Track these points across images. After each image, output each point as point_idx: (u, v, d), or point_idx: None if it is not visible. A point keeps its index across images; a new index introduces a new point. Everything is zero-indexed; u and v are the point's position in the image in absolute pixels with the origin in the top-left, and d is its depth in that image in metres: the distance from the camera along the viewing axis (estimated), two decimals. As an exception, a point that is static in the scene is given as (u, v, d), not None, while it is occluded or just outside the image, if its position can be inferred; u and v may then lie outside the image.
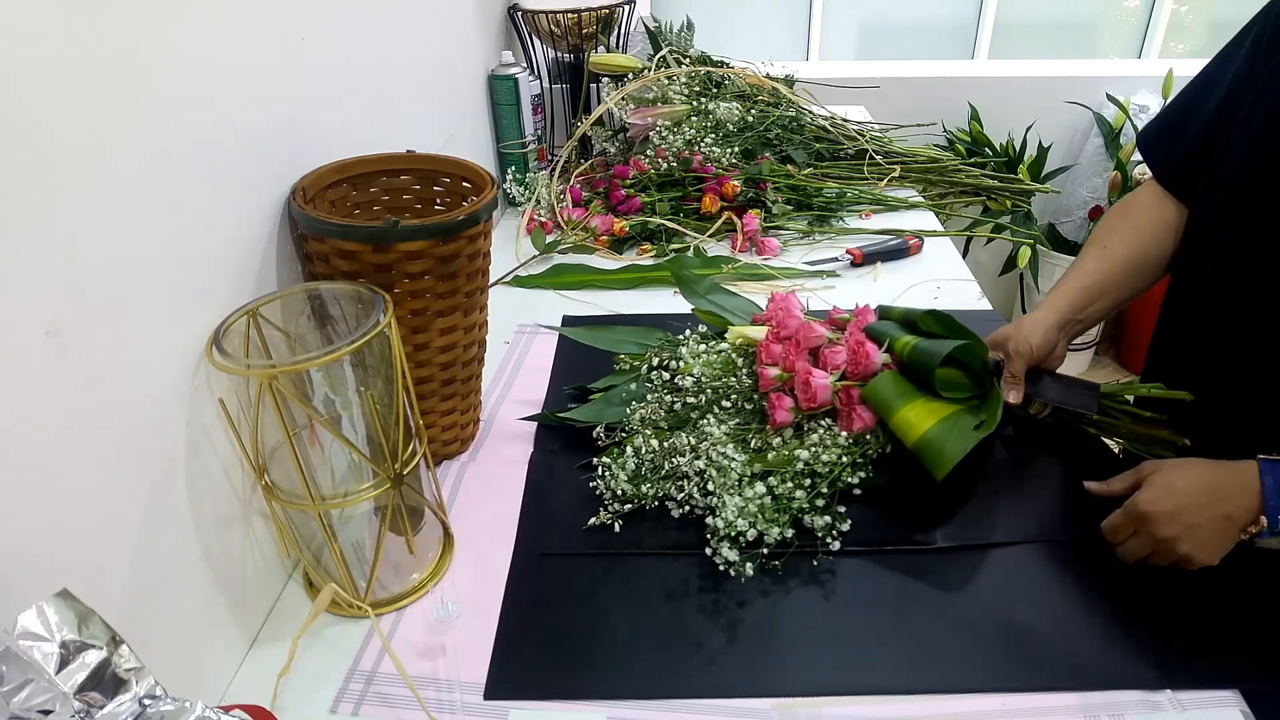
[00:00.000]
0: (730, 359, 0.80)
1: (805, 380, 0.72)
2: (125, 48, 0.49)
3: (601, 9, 1.38)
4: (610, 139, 1.42)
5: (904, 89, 2.17)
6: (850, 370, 0.74)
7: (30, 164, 0.42)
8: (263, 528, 0.66)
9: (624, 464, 0.75)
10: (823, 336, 0.76)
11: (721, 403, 0.77)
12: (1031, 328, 0.77)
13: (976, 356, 0.73)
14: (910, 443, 0.69)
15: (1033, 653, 0.61)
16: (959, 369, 0.73)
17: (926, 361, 0.70)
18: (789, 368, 0.74)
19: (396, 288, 0.68)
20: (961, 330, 0.74)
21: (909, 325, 0.77)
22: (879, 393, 0.71)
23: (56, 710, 0.35)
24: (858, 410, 0.72)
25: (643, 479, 0.74)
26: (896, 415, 0.69)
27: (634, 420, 0.80)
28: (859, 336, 0.74)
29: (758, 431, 0.74)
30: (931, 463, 0.68)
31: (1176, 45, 2.36)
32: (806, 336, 0.75)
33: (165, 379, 0.54)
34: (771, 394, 0.74)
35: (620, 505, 0.74)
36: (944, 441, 0.68)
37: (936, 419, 0.69)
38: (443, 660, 0.63)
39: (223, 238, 0.61)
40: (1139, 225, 0.80)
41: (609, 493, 0.75)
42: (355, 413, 0.62)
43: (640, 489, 0.74)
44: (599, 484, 0.76)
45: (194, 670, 0.58)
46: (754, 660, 0.62)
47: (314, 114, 0.74)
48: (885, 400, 0.70)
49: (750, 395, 0.78)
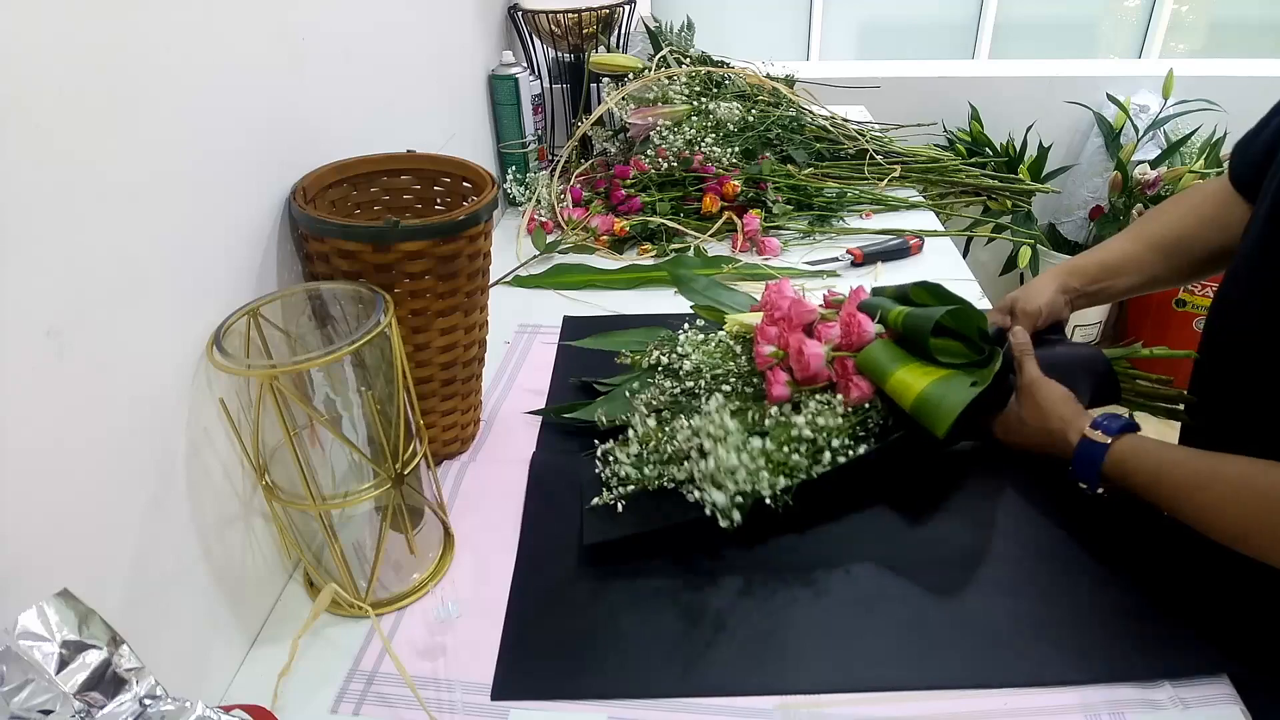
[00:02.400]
0: (729, 346, 0.80)
1: (799, 350, 0.71)
2: (125, 47, 0.49)
3: (602, 9, 1.38)
4: (610, 139, 1.42)
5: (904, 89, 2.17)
6: (844, 342, 0.73)
7: (30, 164, 0.42)
8: (263, 528, 0.66)
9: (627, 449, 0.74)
10: (815, 312, 0.75)
11: (721, 388, 0.77)
12: (1039, 290, 0.79)
13: (971, 323, 0.72)
14: (908, 404, 0.68)
15: (1031, 647, 0.62)
16: (953, 339, 0.72)
17: (920, 326, 0.70)
18: (783, 345, 0.74)
19: (397, 288, 0.68)
20: (953, 298, 0.73)
21: (902, 299, 0.76)
22: (873, 359, 0.70)
23: (57, 710, 0.35)
24: (854, 380, 0.71)
25: (645, 462, 0.74)
26: (892, 379, 0.69)
27: (637, 407, 0.79)
28: (851, 309, 0.74)
29: (757, 410, 0.74)
30: (930, 420, 0.67)
31: (1177, 45, 2.36)
32: (799, 312, 0.75)
33: (165, 379, 0.54)
34: (768, 371, 0.74)
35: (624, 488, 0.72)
36: (941, 397, 0.66)
37: (932, 378, 0.68)
38: (443, 660, 0.63)
39: (223, 238, 0.61)
40: (1187, 211, 0.80)
41: (613, 477, 0.74)
42: (356, 413, 0.62)
43: (643, 471, 0.73)
44: (602, 470, 0.75)
45: (194, 670, 0.58)
46: (757, 658, 0.62)
47: (314, 114, 0.74)
48: (880, 365, 0.70)
49: (750, 379, 0.77)
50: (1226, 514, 0.60)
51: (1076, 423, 0.70)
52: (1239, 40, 2.36)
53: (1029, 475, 0.77)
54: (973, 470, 0.79)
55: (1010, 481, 0.77)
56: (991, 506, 0.75)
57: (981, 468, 0.79)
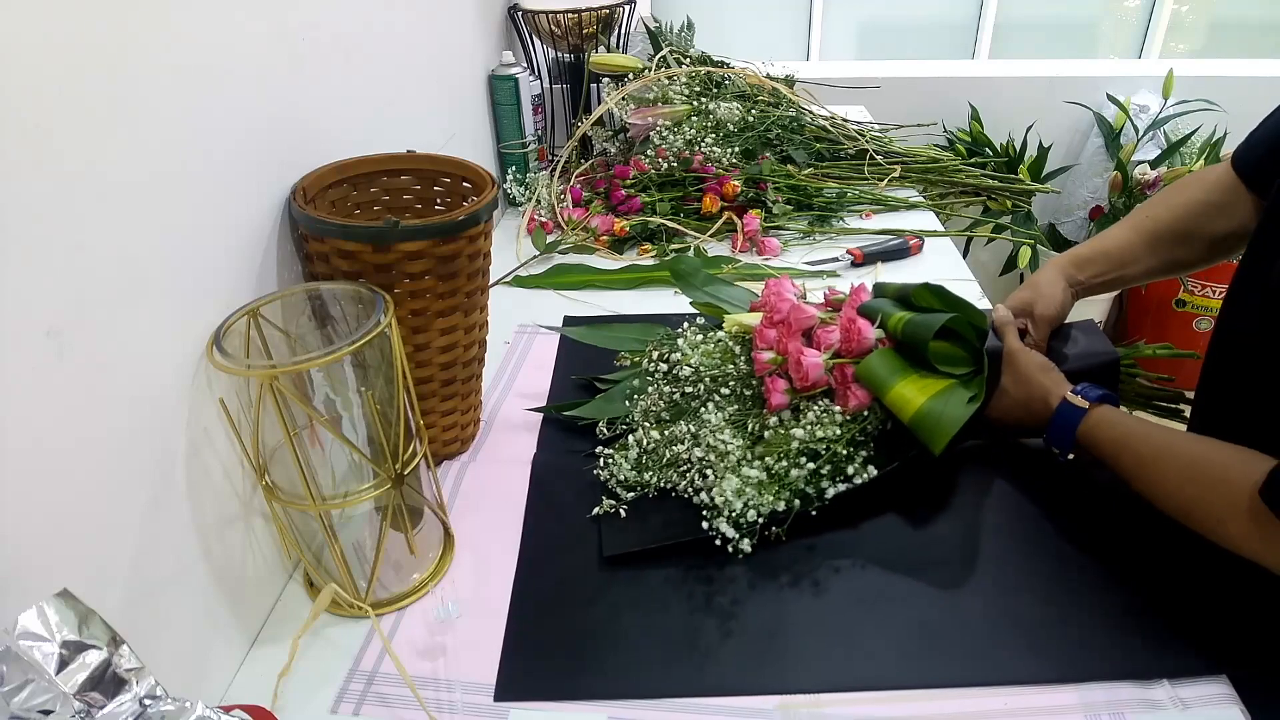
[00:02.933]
0: (728, 347, 0.80)
1: (798, 360, 0.72)
2: (125, 47, 0.49)
3: (602, 9, 1.38)
4: (610, 139, 1.42)
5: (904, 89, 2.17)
6: (844, 348, 0.73)
7: (30, 164, 0.42)
8: (263, 528, 0.66)
9: (627, 454, 0.75)
10: (814, 317, 0.75)
11: (720, 390, 0.77)
12: (1051, 292, 0.81)
13: (970, 328, 0.73)
14: (906, 418, 0.69)
15: (1030, 646, 0.62)
16: (953, 342, 0.73)
17: (920, 335, 0.70)
18: (782, 351, 0.74)
19: (397, 288, 0.68)
20: (957, 302, 0.73)
21: (903, 301, 0.76)
22: (872, 371, 0.71)
23: (57, 710, 0.35)
24: (853, 388, 0.71)
25: (645, 467, 0.75)
26: (891, 392, 0.69)
27: (635, 414, 0.80)
28: (851, 314, 0.74)
29: (756, 416, 0.74)
30: (929, 437, 0.67)
31: (1176, 45, 2.36)
32: (798, 318, 0.75)
33: (165, 379, 0.54)
34: (766, 378, 0.74)
35: (625, 493, 0.74)
36: (939, 415, 0.67)
37: (929, 394, 0.69)
38: (443, 660, 0.63)
39: (223, 238, 0.61)
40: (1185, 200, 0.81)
41: (613, 480, 0.75)
42: (356, 413, 0.62)
43: (643, 477, 0.74)
44: (602, 473, 0.76)
45: (194, 670, 0.58)
46: (758, 657, 0.62)
47: (314, 114, 0.74)
48: (879, 378, 0.70)
49: (749, 381, 0.77)
50: (1175, 489, 0.63)
51: (1057, 389, 0.72)
52: (1239, 40, 2.36)
53: (1029, 475, 0.77)
54: (973, 470, 0.79)
55: (1010, 481, 0.77)
56: (991, 506, 0.75)
57: (981, 467, 0.79)
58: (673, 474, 0.74)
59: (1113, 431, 0.68)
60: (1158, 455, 0.64)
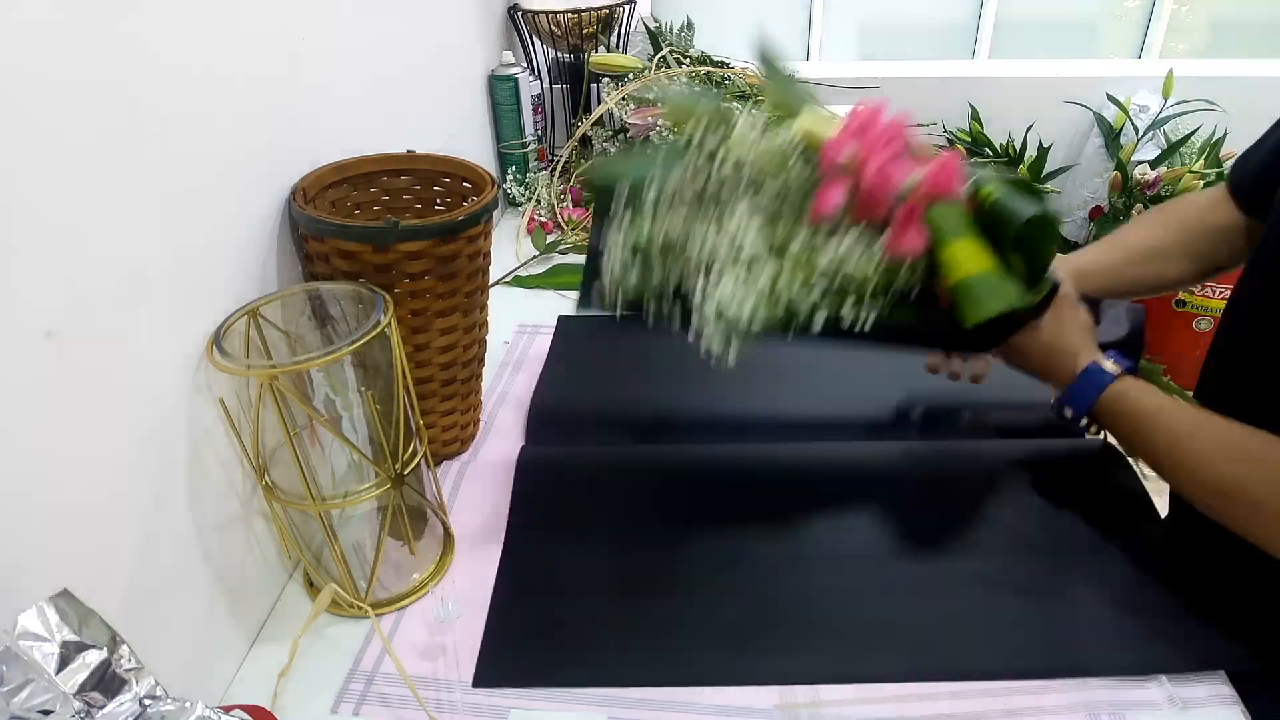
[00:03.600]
0: (786, 153, 0.67)
1: (879, 169, 0.63)
2: (125, 47, 0.49)
3: (601, 9, 1.38)
4: (610, 139, 1.42)
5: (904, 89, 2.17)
6: (927, 184, 0.65)
7: (30, 164, 0.42)
8: (263, 528, 0.66)
9: (640, 223, 0.64)
10: (910, 140, 0.67)
11: (757, 193, 0.66)
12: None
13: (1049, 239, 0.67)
14: (956, 278, 0.63)
15: (1028, 641, 0.62)
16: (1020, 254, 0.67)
17: (1008, 217, 0.65)
18: (862, 161, 0.64)
19: (396, 288, 0.68)
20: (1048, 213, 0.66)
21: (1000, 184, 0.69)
22: (944, 217, 0.64)
23: (57, 710, 0.35)
24: (913, 228, 0.64)
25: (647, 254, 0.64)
26: (954, 245, 0.63)
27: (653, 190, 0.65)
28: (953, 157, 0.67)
29: (789, 224, 0.65)
30: (970, 304, 0.62)
31: (1177, 45, 2.36)
32: (894, 132, 0.66)
33: (165, 379, 0.54)
34: (825, 179, 0.65)
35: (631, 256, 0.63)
36: (991, 288, 0.62)
37: (985, 267, 0.63)
38: (443, 660, 0.63)
39: (223, 238, 0.61)
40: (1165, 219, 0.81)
41: (609, 275, 0.65)
42: (356, 413, 0.62)
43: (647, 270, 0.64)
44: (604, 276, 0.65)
45: (194, 670, 0.58)
46: (748, 647, 0.62)
47: (314, 114, 0.74)
48: (949, 225, 0.64)
49: (795, 194, 0.67)
50: (1210, 465, 0.61)
51: (1087, 352, 0.70)
52: (1239, 40, 2.36)
53: (1028, 470, 0.77)
54: (971, 464, 0.79)
55: (1009, 477, 0.77)
56: (990, 501, 0.75)
57: (980, 461, 0.79)
58: (674, 270, 0.64)
59: (1144, 401, 0.66)
60: (1195, 431, 0.63)
